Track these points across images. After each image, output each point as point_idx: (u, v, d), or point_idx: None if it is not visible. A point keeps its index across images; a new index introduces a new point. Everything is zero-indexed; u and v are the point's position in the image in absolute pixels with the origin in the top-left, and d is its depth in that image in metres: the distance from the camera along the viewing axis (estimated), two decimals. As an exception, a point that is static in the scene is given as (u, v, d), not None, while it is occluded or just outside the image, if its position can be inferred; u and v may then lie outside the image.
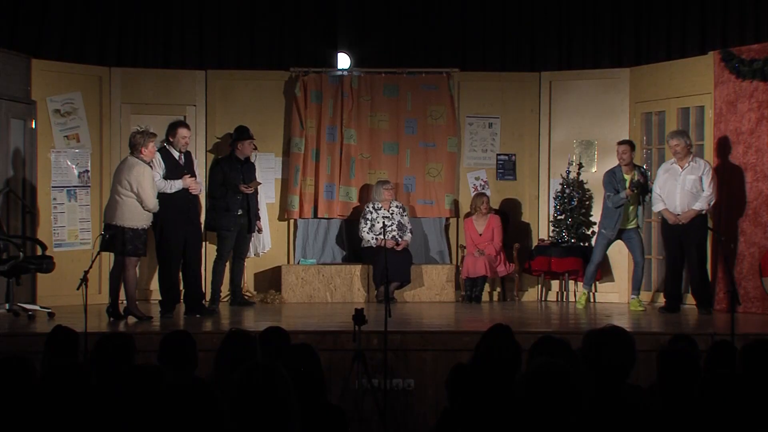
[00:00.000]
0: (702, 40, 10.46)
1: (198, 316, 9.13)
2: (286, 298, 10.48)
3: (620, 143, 9.82)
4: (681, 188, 9.42)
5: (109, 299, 8.94)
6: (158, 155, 9.04)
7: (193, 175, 9.29)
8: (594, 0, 11.31)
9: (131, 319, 8.71)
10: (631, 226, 9.76)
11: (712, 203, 9.40)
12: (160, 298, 9.16)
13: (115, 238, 8.57)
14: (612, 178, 9.73)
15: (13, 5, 10.30)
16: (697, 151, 10.08)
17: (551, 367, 3.27)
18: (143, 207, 8.68)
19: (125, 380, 3.53)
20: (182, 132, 9.25)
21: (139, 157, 8.73)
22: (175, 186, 9.08)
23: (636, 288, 9.81)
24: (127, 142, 9.04)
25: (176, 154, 9.23)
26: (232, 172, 9.88)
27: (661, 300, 9.95)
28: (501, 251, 10.67)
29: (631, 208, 9.71)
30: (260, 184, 10.15)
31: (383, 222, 9.39)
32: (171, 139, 9.25)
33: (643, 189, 9.64)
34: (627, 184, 9.61)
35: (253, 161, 10.36)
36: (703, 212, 9.39)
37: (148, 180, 8.71)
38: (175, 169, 9.15)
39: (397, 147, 11.11)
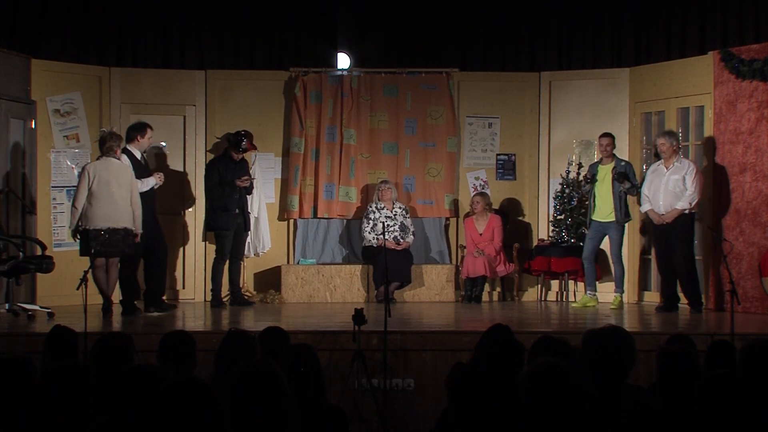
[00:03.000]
0: (702, 40, 10.45)
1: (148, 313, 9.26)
2: (285, 298, 10.48)
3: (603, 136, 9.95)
4: (664, 188, 9.43)
5: (103, 302, 8.97)
6: (125, 158, 9.11)
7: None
8: (594, 0, 11.31)
9: (117, 318, 8.82)
10: (608, 219, 9.78)
11: (694, 202, 9.37)
12: (144, 296, 9.40)
13: (125, 240, 8.69)
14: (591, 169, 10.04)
15: (13, 5, 10.29)
16: (697, 150, 10.09)
17: (552, 366, 3.27)
18: (133, 202, 8.81)
19: (125, 380, 3.53)
20: (150, 132, 9.40)
21: (115, 157, 8.84)
22: (149, 183, 9.28)
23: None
24: (101, 142, 8.99)
25: (138, 155, 9.32)
26: (227, 171, 9.92)
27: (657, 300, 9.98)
28: (501, 251, 10.66)
29: (605, 198, 9.75)
30: (253, 179, 10.20)
31: (384, 222, 9.37)
32: (139, 140, 9.30)
33: (620, 178, 9.66)
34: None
35: (252, 162, 10.45)
36: (686, 211, 9.38)
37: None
38: (140, 170, 9.26)
39: (396, 147, 11.11)
